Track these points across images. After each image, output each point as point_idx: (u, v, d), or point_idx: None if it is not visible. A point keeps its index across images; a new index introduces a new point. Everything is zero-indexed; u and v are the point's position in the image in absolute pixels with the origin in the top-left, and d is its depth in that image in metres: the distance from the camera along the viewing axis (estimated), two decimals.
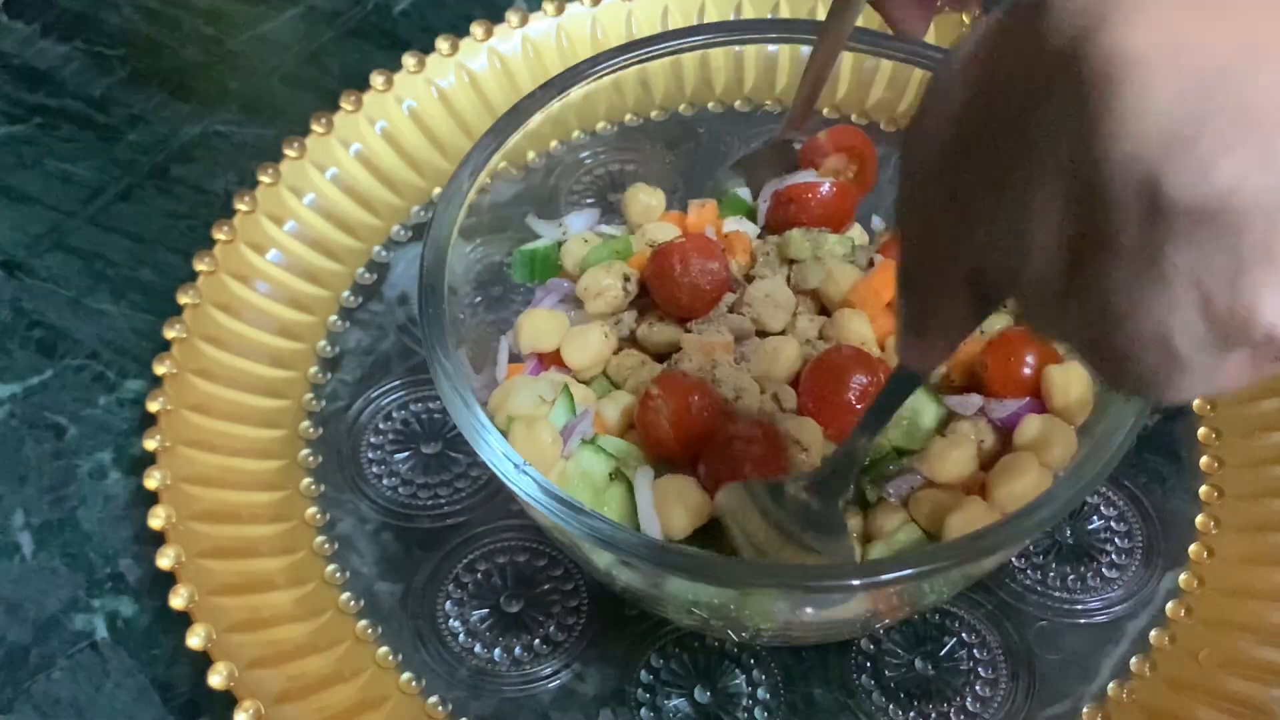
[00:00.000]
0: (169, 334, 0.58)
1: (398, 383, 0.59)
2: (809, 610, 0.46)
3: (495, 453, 0.44)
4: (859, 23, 0.53)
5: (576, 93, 0.54)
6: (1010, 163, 0.29)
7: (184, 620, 0.50)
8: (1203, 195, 0.25)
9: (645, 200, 0.57)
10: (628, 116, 0.61)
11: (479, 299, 0.54)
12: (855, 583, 0.42)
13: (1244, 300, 0.26)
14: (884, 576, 0.41)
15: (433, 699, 0.50)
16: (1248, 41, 0.25)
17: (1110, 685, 0.50)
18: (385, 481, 0.56)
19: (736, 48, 0.61)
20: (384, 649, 0.51)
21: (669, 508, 0.46)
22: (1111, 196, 0.26)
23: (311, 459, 0.56)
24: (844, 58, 0.56)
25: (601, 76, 0.55)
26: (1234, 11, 0.26)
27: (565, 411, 0.49)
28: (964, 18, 0.66)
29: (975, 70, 0.30)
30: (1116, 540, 0.54)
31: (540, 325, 0.52)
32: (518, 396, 0.49)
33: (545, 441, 0.47)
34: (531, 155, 0.55)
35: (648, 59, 0.55)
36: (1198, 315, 0.27)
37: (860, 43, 0.55)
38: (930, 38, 0.58)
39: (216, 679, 0.48)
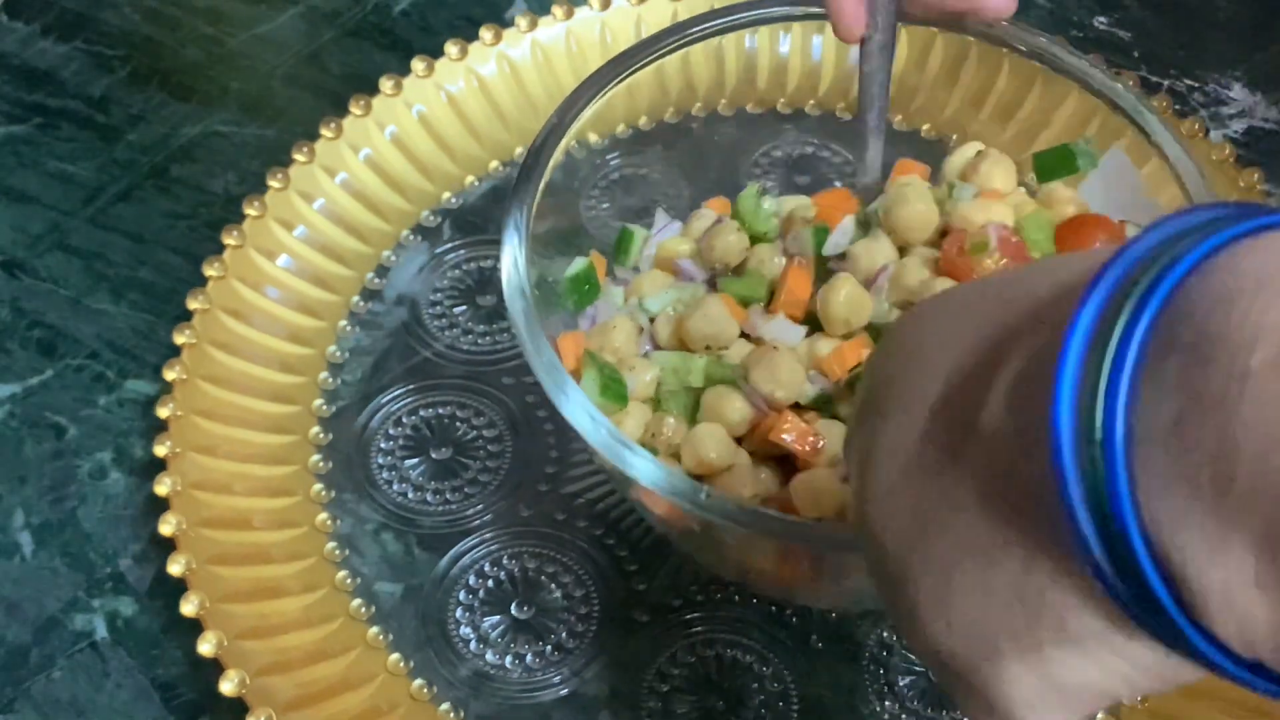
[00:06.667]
0: (178, 339, 0.57)
1: (408, 388, 0.59)
2: None
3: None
4: None
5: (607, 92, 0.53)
6: None
7: (186, 621, 0.50)
8: None
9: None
10: (642, 120, 0.60)
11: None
12: None
13: None
14: None
15: (444, 705, 0.50)
16: None
17: None
18: (395, 487, 0.56)
19: (748, 40, 0.61)
20: (395, 655, 0.51)
21: None
22: None
23: (322, 464, 0.56)
24: None
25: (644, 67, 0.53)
26: None
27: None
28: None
29: None
30: None
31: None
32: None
33: None
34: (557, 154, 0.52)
35: (671, 50, 0.54)
36: None
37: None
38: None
39: (228, 686, 0.48)
